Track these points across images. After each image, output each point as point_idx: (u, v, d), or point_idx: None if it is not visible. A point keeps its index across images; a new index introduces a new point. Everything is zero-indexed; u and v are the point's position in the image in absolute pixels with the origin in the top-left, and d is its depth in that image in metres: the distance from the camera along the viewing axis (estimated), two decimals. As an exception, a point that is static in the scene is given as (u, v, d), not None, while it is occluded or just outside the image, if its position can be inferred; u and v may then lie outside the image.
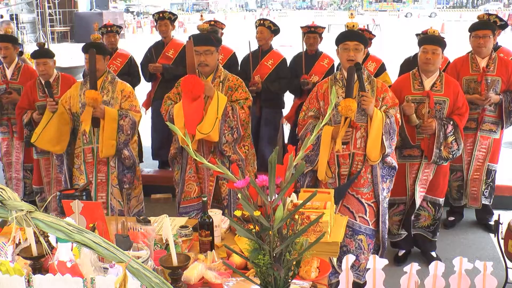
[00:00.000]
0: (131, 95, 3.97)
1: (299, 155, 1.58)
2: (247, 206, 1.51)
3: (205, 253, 2.40)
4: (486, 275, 1.73)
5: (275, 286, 1.58)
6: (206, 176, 3.75)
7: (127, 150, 3.94)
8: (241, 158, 3.72)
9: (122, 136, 3.86)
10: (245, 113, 3.63)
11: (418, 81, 3.76)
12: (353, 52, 3.29)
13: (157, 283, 1.07)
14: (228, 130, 3.58)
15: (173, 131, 1.75)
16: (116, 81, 3.98)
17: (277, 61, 5.16)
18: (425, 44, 3.70)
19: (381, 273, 1.75)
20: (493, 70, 4.22)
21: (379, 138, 3.25)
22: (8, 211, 1.04)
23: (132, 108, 3.93)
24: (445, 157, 3.71)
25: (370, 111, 3.24)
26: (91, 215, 2.44)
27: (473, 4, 60.18)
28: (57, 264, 1.85)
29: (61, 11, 23.77)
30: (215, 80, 3.64)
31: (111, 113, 3.82)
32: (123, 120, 3.84)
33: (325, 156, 3.34)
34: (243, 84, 3.73)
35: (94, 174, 3.96)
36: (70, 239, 1.05)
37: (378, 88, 3.36)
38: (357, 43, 3.30)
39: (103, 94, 3.88)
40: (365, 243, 3.39)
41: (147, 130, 5.98)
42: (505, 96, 4.21)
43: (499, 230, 3.37)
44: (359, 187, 3.38)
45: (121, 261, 1.06)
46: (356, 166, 3.38)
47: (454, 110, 3.73)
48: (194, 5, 62.47)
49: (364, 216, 3.37)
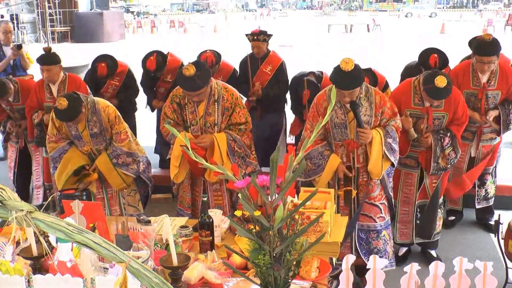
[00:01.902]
0: (115, 121, 3.75)
1: (299, 156, 1.58)
2: (247, 206, 1.51)
3: (205, 253, 2.40)
4: (486, 275, 1.73)
5: (275, 286, 1.58)
6: (210, 192, 3.74)
7: (141, 164, 3.87)
8: (256, 164, 3.81)
9: (132, 166, 3.78)
10: (248, 138, 3.66)
11: (418, 96, 3.71)
12: (348, 98, 3.26)
13: (157, 283, 1.07)
14: (241, 160, 3.66)
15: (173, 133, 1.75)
16: (98, 109, 3.71)
17: (275, 66, 5.10)
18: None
19: (381, 273, 1.75)
20: (493, 84, 4.10)
21: (379, 159, 3.35)
22: (8, 211, 1.04)
23: (117, 137, 3.75)
24: (444, 167, 3.74)
25: (367, 142, 3.35)
26: (91, 215, 2.44)
27: (473, 4, 60.18)
28: (57, 264, 1.85)
29: (61, 11, 23.78)
30: (210, 100, 3.56)
31: (104, 163, 3.72)
32: (119, 159, 3.74)
33: (326, 179, 3.47)
34: (239, 101, 3.63)
35: (103, 189, 3.90)
36: (70, 239, 1.05)
37: (377, 104, 3.37)
38: (353, 91, 3.23)
39: (91, 126, 3.69)
40: (387, 236, 3.59)
41: (148, 130, 5.97)
42: (502, 108, 4.15)
43: (499, 230, 3.37)
44: (369, 193, 3.49)
45: (121, 261, 1.06)
46: (362, 177, 3.49)
47: (454, 120, 3.71)
48: (194, 5, 62.49)
49: (381, 214, 3.54)
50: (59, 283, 1.43)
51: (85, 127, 3.70)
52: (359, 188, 3.49)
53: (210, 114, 3.56)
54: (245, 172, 3.68)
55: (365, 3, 64.43)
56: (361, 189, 3.49)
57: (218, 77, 5.09)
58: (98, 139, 3.75)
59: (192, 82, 3.36)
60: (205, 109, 3.56)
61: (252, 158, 3.80)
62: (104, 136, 3.75)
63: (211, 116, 3.56)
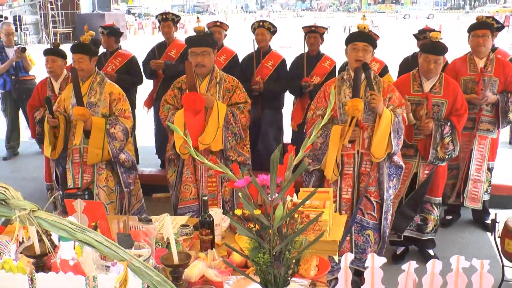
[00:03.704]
0: (120, 98, 3.88)
1: (299, 155, 1.58)
2: (247, 205, 1.51)
3: (205, 251, 2.40)
4: (483, 273, 1.73)
5: (275, 284, 1.58)
6: (204, 178, 3.73)
7: (123, 154, 3.91)
8: (247, 157, 3.74)
9: (117, 144, 3.83)
10: (245, 117, 3.65)
11: (417, 83, 3.75)
12: (362, 53, 3.31)
13: (159, 281, 1.07)
14: (232, 137, 3.61)
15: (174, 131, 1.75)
16: (105, 82, 3.90)
17: (277, 62, 5.17)
18: (428, 53, 3.66)
19: (379, 271, 1.75)
20: (490, 70, 4.23)
21: (386, 136, 3.25)
22: (11, 210, 1.04)
23: (121, 113, 3.86)
24: (441, 158, 3.70)
25: (379, 109, 3.24)
26: (93, 214, 2.44)
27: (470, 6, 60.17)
28: (60, 263, 1.86)
29: (63, 12, 23.74)
30: (212, 81, 3.63)
31: (98, 123, 3.77)
32: (114, 128, 3.79)
33: (333, 155, 3.34)
34: (239, 85, 3.71)
35: (80, 175, 3.91)
36: (72, 237, 1.05)
37: (385, 88, 3.37)
38: (366, 45, 3.32)
39: (91, 95, 3.84)
40: (372, 237, 3.47)
41: (148, 130, 5.98)
42: (502, 96, 4.22)
43: (495, 229, 3.37)
44: (368, 186, 3.41)
45: (123, 260, 1.06)
46: (365, 166, 3.39)
47: (453, 111, 3.72)
48: (195, 7, 62.44)
49: (372, 212, 3.44)
50: (62, 281, 1.43)
51: (86, 93, 3.83)
52: (360, 177, 3.40)
53: (212, 95, 3.59)
54: (237, 160, 3.66)
55: (363, 5, 64.42)
56: (363, 179, 3.40)
57: (221, 56, 5.16)
58: (92, 109, 3.82)
59: (200, 37, 3.58)
60: (207, 90, 3.60)
61: (245, 150, 3.75)
62: (98, 108, 3.82)
63: (213, 96, 3.58)
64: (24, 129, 7.07)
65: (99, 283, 1.44)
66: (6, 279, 1.45)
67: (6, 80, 6.48)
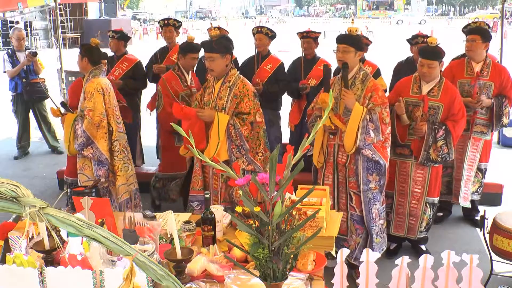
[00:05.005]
0: (87, 96, 3.89)
1: (297, 155, 1.58)
2: (247, 202, 1.51)
3: (207, 247, 2.40)
4: (472, 267, 1.73)
5: (273, 278, 1.58)
6: (211, 174, 3.76)
7: (87, 150, 3.92)
8: (258, 167, 3.61)
9: (77, 140, 3.91)
10: (247, 129, 3.54)
11: (417, 85, 3.75)
12: (341, 54, 3.44)
13: (162, 275, 1.07)
14: (235, 148, 3.58)
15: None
16: (89, 80, 3.95)
17: (275, 65, 5.18)
18: (422, 57, 3.68)
19: (373, 265, 1.75)
20: (486, 75, 4.21)
21: (354, 130, 3.35)
22: (22, 207, 1.04)
23: (85, 111, 3.90)
24: (434, 160, 3.68)
25: (349, 105, 3.38)
26: (100, 211, 2.44)
27: (460, 12, 60.17)
28: (68, 257, 1.85)
29: (72, 18, 23.75)
30: (224, 84, 3.60)
31: (68, 117, 3.96)
32: (76, 126, 3.91)
33: (317, 144, 3.60)
34: (249, 92, 3.58)
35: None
36: (80, 233, 1.04)
37: (368, 87, 3.43)
38: (346, 46, 3.42)
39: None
40: (352, 227, 3.59)
41: (150, 130, 5.96)
42: (496, 100, 4.20)
43: (484, 225, 3.37)
44: (349, 176, 3.52)
45: (128, 255, 1.06)
46: (341, 157, 3.53)
47: (449, 116, 3.69)
48: (198, 13, 62.47)
49: (351, 203, 3.55)
50: (70, 275, 1.43)
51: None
52: (338, 167, 3.55)
53: (221, 98, 3.61)
54: (244, 168, 3.58)
55: (358, 11, 64.41)
56: (340, 169, 3.55)
57: None
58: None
59: (209, 43, 3.59)
60: (218, 92, 3.62)
61: (257, 158, 3.63)
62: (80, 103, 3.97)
63: (222, 99, 3.60)
64: (34, 130, 7.08)
65: (106, 277, 1.43)
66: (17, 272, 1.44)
67: (17, 83, 6.48)
